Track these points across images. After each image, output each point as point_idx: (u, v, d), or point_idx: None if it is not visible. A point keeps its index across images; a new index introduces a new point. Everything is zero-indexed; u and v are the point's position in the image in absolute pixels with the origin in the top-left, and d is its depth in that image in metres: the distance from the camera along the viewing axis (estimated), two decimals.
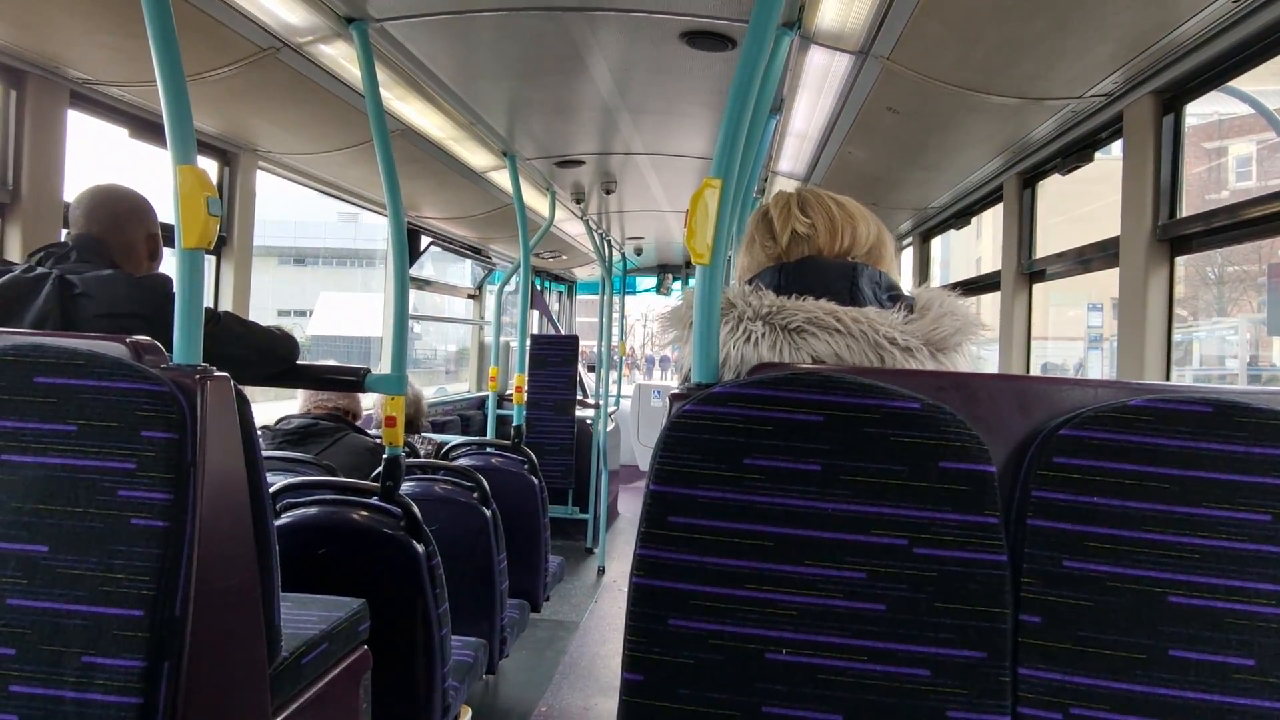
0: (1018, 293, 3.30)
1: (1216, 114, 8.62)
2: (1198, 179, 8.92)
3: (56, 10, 2.09)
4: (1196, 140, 8.84)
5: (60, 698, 1.20)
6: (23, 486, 1.24)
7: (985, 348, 1.27)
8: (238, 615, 1.45)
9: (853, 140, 3.22)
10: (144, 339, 1.37)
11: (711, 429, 1.00)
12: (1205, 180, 9.18)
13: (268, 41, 2.40)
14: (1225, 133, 9.05)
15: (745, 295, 1.23)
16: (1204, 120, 8.65)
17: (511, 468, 3.92)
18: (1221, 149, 9.12)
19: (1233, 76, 2.06)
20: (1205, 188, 9.12)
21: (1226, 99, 2.24)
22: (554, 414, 6.00)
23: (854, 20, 2.19)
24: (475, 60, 2.81)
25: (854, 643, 0.96)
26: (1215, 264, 9.71)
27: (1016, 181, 3.25)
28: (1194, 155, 8.96)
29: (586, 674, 4.00)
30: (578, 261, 7.79)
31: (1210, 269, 9.72)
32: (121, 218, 1.94)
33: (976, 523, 0.96)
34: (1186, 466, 0.95)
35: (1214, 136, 8.97)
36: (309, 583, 2.13)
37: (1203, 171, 9.08)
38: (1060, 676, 0.94)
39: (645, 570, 0.99)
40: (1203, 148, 8.90)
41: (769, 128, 3.10)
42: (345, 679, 1.93)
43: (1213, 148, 9.04)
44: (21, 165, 2.43)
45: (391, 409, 2.38)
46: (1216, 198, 9.21)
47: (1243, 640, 0.92)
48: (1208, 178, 9.22)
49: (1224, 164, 9.30)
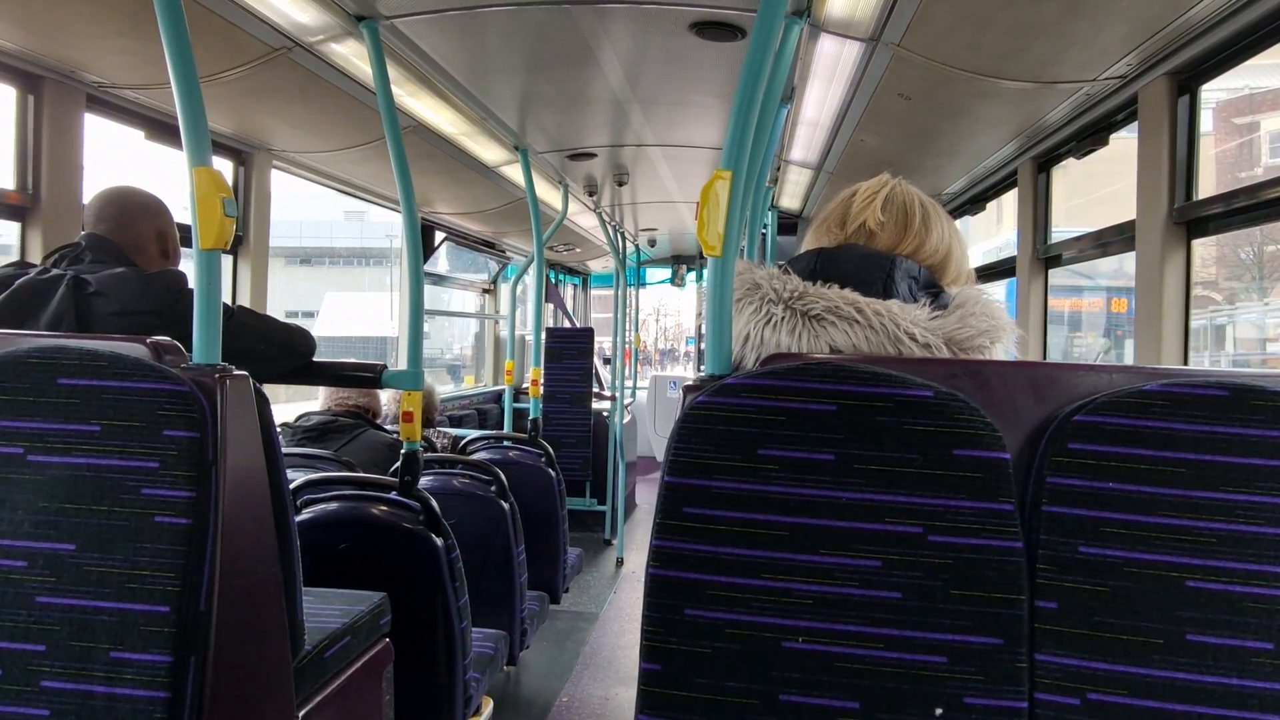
0: (1033, 278, 3.28)
1: (1248, 88, 8.19)
2: (1229, 155, 8.48)
3: (72, 16, 2.11)
4: (1227, 115, 8.40)
5: (90, 692, 1.22)
6: (49, 486, 1.27)
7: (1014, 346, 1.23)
8: (261, 610, 1.48)
9: (865, 128, 3.21)
10: (164, 339, 1.39)
11: (725, 420, 1.00)
12: (1237, 157, 8.76)
13: (280, 41, 2.41)
14: (1258, 107, 8.60)
15: (772, 277, 1.23)
16: (1234, 95, 8.24)
17: (529, 461, 3.93)
18: (1253, 124, 8.68)
19: (1248, 56, 2.03)
20: (1237, 164, 8.68)
21: (1258, 72, 2.17)
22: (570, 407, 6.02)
23: (864, 8, 2.18)
24: (485, 56, 2.82)
25: (870, 630, 0.97)
26: (1254, 241, 9.23)
27: (1031, 166, 3.23)
28: (1224, 131, 8.56)
29: (607, 664, 4.02)
30: (592, 254, 7.79)
31: (1248, 248, 9.23)
32: (129, 215, 1.95)
33: (991, 510, 0.96)
34: (1203, 451, 0.95)
35: (1245, 112, 8.57)
36: (330, 577, 2.15)
37: (1233, 148, 8.63)
38: (1077, 662, 0.94)
39: (661, 561, 1.00)
40: (1233, 123, 8.47)
41: (780, 117, 3.09)
42: (368, 672, 1.95)
43: (1244, 123, 8.61)
44: (40, 169, 2.46)
45: (408, 404, 2.40)
46: (1250, 175, 8.81)
47: (1261, 624, 0.92)
48: (1239, 154, 8.79)
49: (1257, 140, 8.85)
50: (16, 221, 2.47)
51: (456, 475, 3.17)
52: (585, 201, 5.45)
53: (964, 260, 1.36)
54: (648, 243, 7.98)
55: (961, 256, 1.35)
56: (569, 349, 6.11)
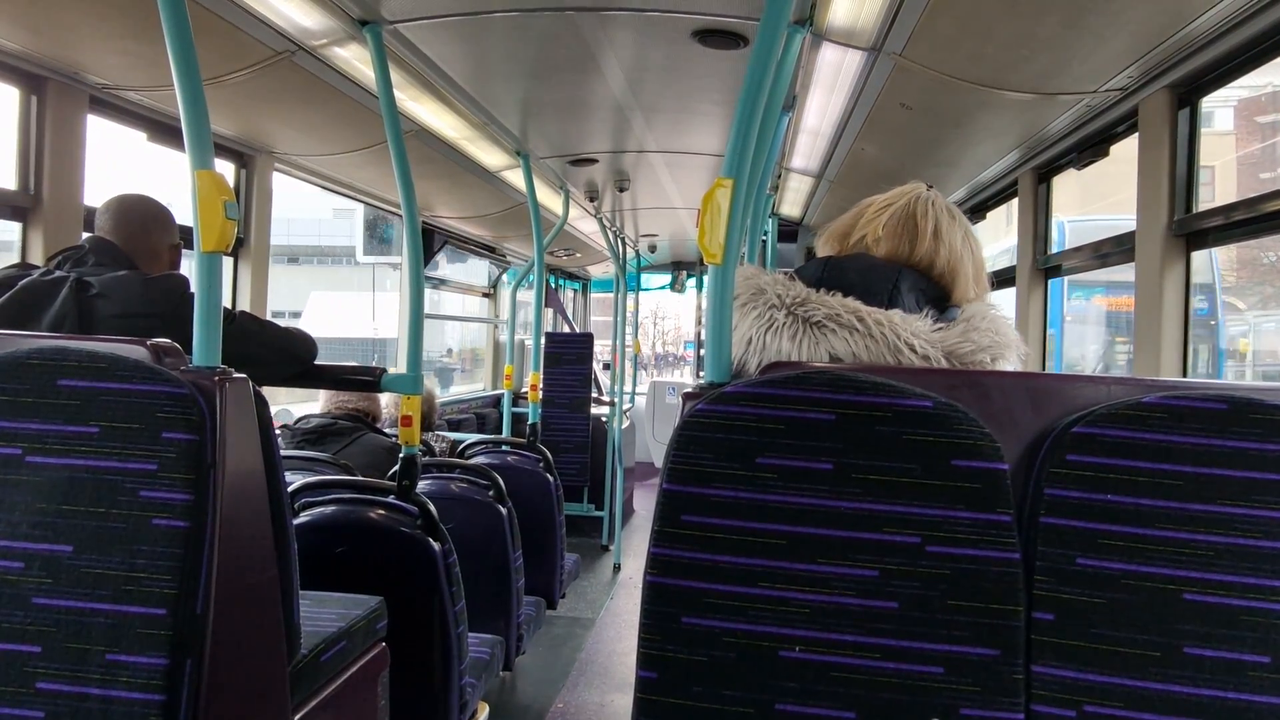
0: (1033, 288, 3.28)
1: (1271, 85, 7.65)
2: (1251, 157, 7.98)
3: (76, 17, 2.11)
4: (1249, 114, 7.97)
5: (85, 694, 1.22)
6: (47, 488, 1.27)
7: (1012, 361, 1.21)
8: (258, 613, 1.47)
9: (866, 137, 3.21)
10: (164, 341, 1.39)
11: (724, 428, 1.01)
12: (1259, 159, 8.25)
13: (283, 45, 2.42)
14: None
15: (777, 283, 1.23)
16: (1255, 92, 7.76)
17: (527, 466, 3.93)
18: (1277, 124, 8.16)
19: (1249, 70, 2.04)
20: (1259, 165, 8.21)
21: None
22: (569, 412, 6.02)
23: (866, 17, 2.19)
24: (488, 61, 2.82)
25: (867, 640, 0.97)
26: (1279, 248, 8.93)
27: (1031, 176, 3.24)
28: (1246, 131, 8.15)
29: (603, 671, 4.01)
30: (592, 259, 7.80)
31: (1271, 253, 8.65)
32: (151, 224, 1.98)
33: (989, 520, 0.96)
34: (1201, 464, 0.95)
35: (1268, 110, 8.10)
36: (327, 581, 2.15)
37: (1256, 150, 8.15)
38: (1074, 674, 0.94)
39: (659, 568, 1.00)
40: (1255, 122, 8.03)
41: (781, 125, 3.10)
42: (364, 676, 1.95)
43: (1267, 122, 8.14)
44: (43, 170, 2.46)
45: (408, 408, 2.40)
46: (1275, 176, 8.34)
47: (1258, 637, 0.92)
48: (1262, 156, 8.28)
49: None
50: (18, 222, 2.48)
51: (454, 479, 3.17)
52: (586, 207, 5.46)
53: (981, 272, 1.35)
54: (648, 248, 7.99)
55: (978, 269, 1.34)
56: (568, 354, 6.11)
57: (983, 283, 1.35)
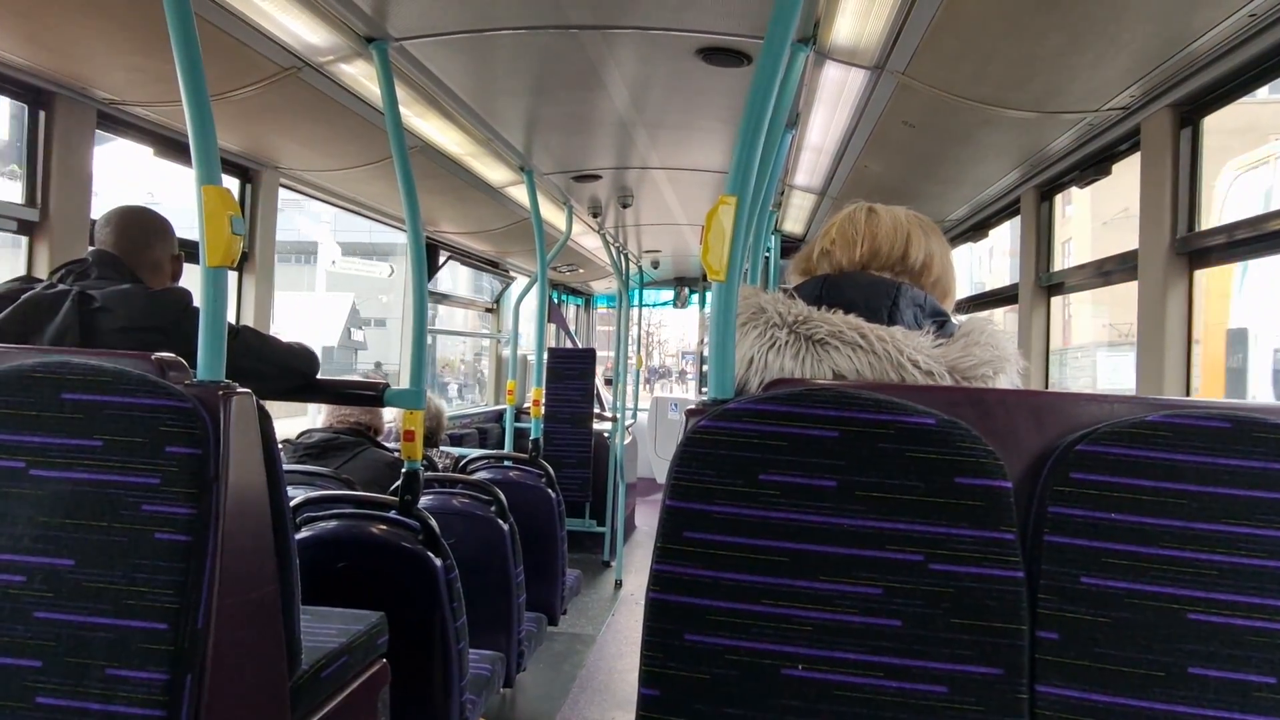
0: (1035, 306, 3.28)
1: None
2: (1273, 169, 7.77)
3: (84, 33, 2.13)
4: (1274, 120, 7.71)
5: (85, 709, 1.22)
6: (50, 501, 1.26)
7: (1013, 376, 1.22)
8: (259, 628, 1.47)
9: (869, 154, 3.23)
10: (169, 355, 1.39)
11: (727, 445, 1.00)
12: None
13: (290, 61, 2.44)
14: None
15: (777, 301, 1.23)
16: None
17: (529, 481, 3.92)
18: None
19: (1251, 89, 2.05)
20: None
21: None
22: (571, 427, 6.01)
23: (869, 36, 2.20)
24: (493, 78, 2.84)
25: (870, 659, 0.96)
26: None
27: (1034, 194, 3.25)
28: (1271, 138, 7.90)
29: (604, 688, 3.99)
30: (595, 275, 7.81)
31: None
32: (152, 236, 1.99)
33: (993, 538, 0.96)
34: (1205, 482, 0.94)
35: None
36: (328, 596, 2.14)
37: None
38: (1078, 693, 0.94)
39: (661, 585, 1.00)
40: None
41: (785, 142, 3.11)
42: (364, 692, 1.94)
43: None
44: (50, 185, 2.48)
45: (410, 423, 2.40)
46: None
47: (1263, 658, 0.92)
48: None
49: None
50: (25, 236, 2.49)
51: (456, 494, 3.16)
52: (589, 223, 5.48)
53: (945, 261, 1.38)
54: (651, 264, 8.01)
55: (939, 259, 1.37)
56: (571, 369, 6.11)
57: (951, 287, 1.39)
